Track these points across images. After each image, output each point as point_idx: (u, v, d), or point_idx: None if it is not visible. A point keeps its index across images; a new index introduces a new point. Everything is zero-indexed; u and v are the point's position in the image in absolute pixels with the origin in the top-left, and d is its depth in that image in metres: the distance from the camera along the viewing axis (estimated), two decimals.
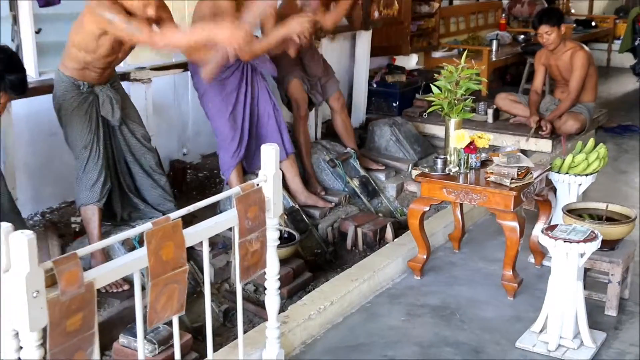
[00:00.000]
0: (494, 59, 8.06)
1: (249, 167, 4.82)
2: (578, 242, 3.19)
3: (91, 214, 3.76)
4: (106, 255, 3.76)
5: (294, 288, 4.15)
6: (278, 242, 2.85)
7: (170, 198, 4.15)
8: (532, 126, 6.01)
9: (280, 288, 2.94)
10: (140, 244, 3.65)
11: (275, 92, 5.03)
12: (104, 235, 3.82)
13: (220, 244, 4.25)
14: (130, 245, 3.80)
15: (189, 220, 4.15)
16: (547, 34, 5.77)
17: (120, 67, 4.32)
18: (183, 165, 5.27)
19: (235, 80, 4.60)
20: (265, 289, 2.92)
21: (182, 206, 2.58)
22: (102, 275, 2.14)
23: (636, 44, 9.01)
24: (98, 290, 2.11)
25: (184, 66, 4.86)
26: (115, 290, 3.66)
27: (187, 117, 5.47)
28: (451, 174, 3.87)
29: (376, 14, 6.72)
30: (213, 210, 4.42)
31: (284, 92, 5.29)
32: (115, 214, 4.03)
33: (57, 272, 1.95)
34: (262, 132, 4.74)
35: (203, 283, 3.77)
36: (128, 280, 3.68)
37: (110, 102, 3.79)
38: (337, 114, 5.58)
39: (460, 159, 3.91)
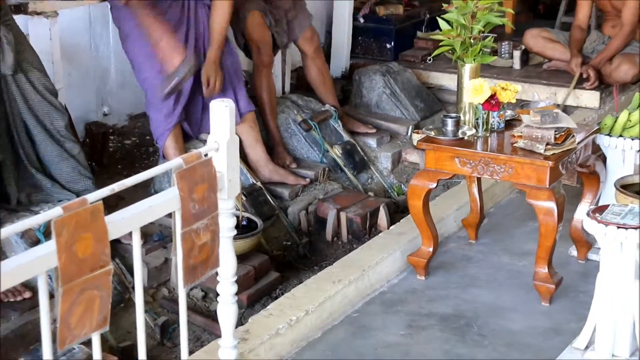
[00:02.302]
0: None
1: (194, 131, 4.80)
2: (636, 228, 3.21)
3: None
4: None
5: (257, 293, 4.17)
6: (235, 232, 2.86)
7: (87, 173, 4.14)
8: (573, 73, 6.04)
9: (238, 293, 2.95)
10: (47, 236, 3.63)
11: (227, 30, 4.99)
12: None
13: (156, 236, 4.25)
14: (32, 239, 3.79)
15: (113, 204, 4.10)
16: None
17: None
18: (103, 129, 5.25)
19: (174, 14, 4.58)
20: (218, 295, 2.92)
21: (103, 185, 2.57)
22: None
23: None
24: None
25: None
26: (12, 300, 3.65)
27: (108, 64, 5.44)
28: (465, 138, 3.88)
29: None
30: (146, 190, 4.44)
31: (239, 30, 5.28)
32: (9, 195, 4.01)
33: None
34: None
35: (133, 288, 3.75)
36: (30, 285, 3.66)
37: None
38: (310, 60, 5.58)
39: (477, 119, 3.91)
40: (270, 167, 4.97)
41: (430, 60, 6.50)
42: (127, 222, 2.47)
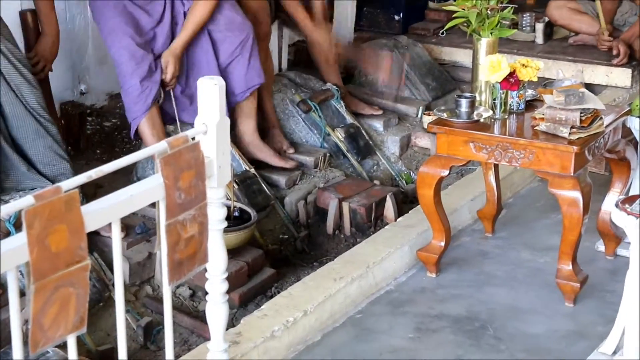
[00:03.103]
0: None
1: (184, 114, 4.81)
2: None
3: None
4: None
5: (250, 292, 4.17)
6: (226, 224, 2.87)
7: (65, 155, 4.15)
8: (602, 48, 6.02)
9: (229, 292, 2.95)
10: (18, 227, 3.63)
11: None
12: None
13: (138, 228, 4.25)
14: (2, 231, 3.78)
15: (91, 192, 4.12)
16: None
17: None
18: (80, 109, 5.23)
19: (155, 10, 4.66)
20: (207, 293, 2.93)
21: (80, 171, 2.57)
22: None
23: None
24: None
25: None
26: None
27: (85, 37, 5.40)
28: (481, 120, 3.89)
29: None
30: (127, 177, 4.42)
31: None
32: None
33: None
34: (196, 56, 4.77)
35: (113, 285, 3.73)
36: None
37: None
38: (314, 31, 5.57)
39: (494, 99, 3.92)
40: (264, 151, 4.98)
41: (443, 33, 6.48)
42: (106, 212, 2.46)
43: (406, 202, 5.05)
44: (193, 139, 2.70)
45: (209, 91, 2.76)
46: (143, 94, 4.59)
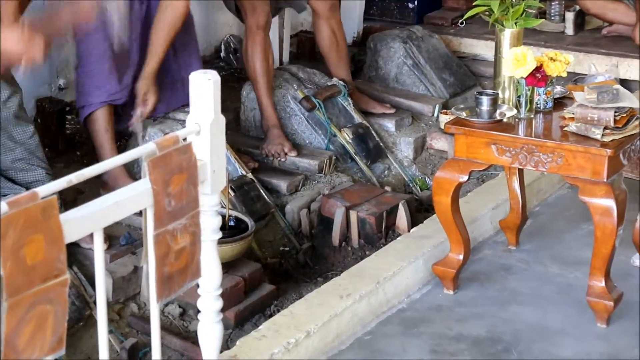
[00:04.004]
0: None
1: (170, 105, 4.85)
2: None
3: None
4: None
5: (247, 310, 4.18)
6: (220, 235, 2.87)
7: (41, 162, 4.15)
8: (637, 41, 6.02)
9: (223, 310, 2.96)
10: None
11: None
12: None
13: (123, 239, 4.27)
14: None
15: (71, 198, 4.11)
16: None
17: None
18: (59, 106, 5.24)
19: None
20: (199, 312, 2.92)
21: (59, 175, 2.57)
22: None
23: None
24: None
25: None
26: None
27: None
28: (504, 120, 3.88)
29: None
30: None
31: None
32: None
33: None
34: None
35: (95, 303, 3.65)
36: None
37: None
38: (323, 21, 5.60)
39: (519, 97, 3.92)
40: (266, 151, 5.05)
41: (462, 23, 6.48)
42: (87, 221, 2.45)
43: (421, 210, 5.08)
44: (184, 139, 2.68)
45: (203, 87, 2.74)
46: (104, 85, 4.59)
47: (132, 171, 4.59)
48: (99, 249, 2.55)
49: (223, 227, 3.08)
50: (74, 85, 4.92)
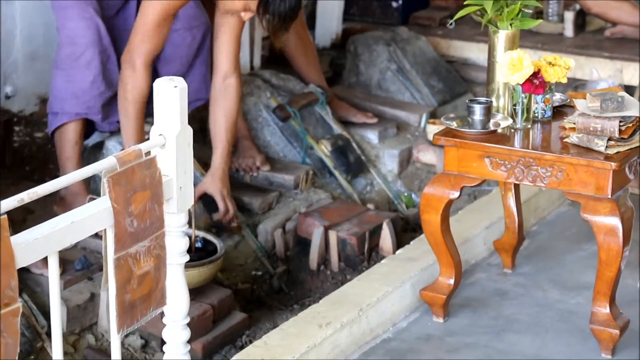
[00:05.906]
0: None
1: None
2: None
3: None
4: None
5: (216, 341, 4.19)
6: (187, 258, 2.92)
7: None
8: None
9: (190, 341, 2.99)
10: None
11: None
12: None
13: (78, 263, 4.26)
14: None
15: (21, 219, 4.08)
16: None
17: None
18: (5, 117, 5.21)
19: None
20: (164, 343, 2.95)
21: (6, 192, 2.63)
22: None
23: None
24: None
25: None
26: None
27: (12, 26, 5.39)
28: (499, 131, 3.90)
29: None
30: None
31: None
32: None
33: None
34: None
35: (48, 334, 3.76)
36: None
37: None
38: None
39: (515, 105, 3.92)
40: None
41: (451, 24, 6.41)
42: (39, 244, 2.48)
43: (407, 230, 5.12)
44: (148, 153, 2.74)
45: (168, 95, 2.77)
46: (89, 93, 4.60)
47: (89, 187, 4.62)
48: (54, 274, 2.58)
49: (190, 250, 3.06)
50: (49, 91, 4.91)
